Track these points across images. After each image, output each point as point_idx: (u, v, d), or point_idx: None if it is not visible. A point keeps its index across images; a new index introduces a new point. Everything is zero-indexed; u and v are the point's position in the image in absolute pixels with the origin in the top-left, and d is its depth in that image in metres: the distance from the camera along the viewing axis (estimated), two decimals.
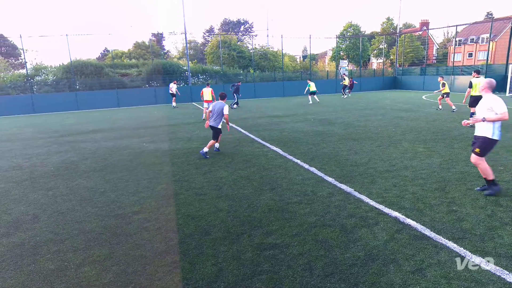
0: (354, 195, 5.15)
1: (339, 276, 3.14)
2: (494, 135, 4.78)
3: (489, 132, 4.80)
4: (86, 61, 29.34)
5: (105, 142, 10.63)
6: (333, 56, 44.93)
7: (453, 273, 3.10)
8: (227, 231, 4.16)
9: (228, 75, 30.95)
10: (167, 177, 6.57)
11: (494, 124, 4.77)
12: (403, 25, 61.01)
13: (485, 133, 4.84)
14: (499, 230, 3.85)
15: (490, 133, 4.78)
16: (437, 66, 40.74)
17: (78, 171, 7.27)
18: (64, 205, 5.28)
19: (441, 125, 11.11)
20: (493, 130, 4.77)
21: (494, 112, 4.71)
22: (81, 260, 3.62)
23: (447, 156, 7.18)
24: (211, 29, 68.51)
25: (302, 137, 10.10)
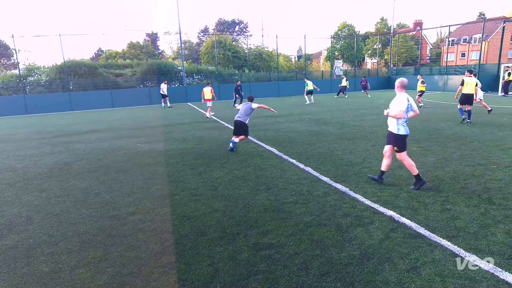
0: (349, 194, 5.17)
1: (334, 275, 3.15)
2: (400, 131, 5.19)
3: (394, 128, 5.25)
4: (80, 61, 29.11)
5: (99, 143, 10.55)
6: (328, 56, 45.13)
7: (448, 271, 3.13)
8: (223, 231, 4.15)
9: (223, 75, 30.92)
10: (162, 177, 6.54)
11: (398, 121, 5.19)
12: (397, 25, 61.48)
13: (392, 129, 5.32)
14: (492, 228, 3.90)
15: (395, 129, 5.23)
16: (430, 66, 41.13)
17: (72, 172, 7.21)
18: (58, 206, 5.23)
19: (435, 125, 11.20)
20: (397, 126, 5.21)
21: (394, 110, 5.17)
22: (76, 262, 3.59)
23: (440, 155, 7.25)
24: (206, 29, 68.37)
25: (298, 137, 10.13)
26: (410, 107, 5.23)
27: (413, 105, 5.29)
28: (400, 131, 5.20)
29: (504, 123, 11.02)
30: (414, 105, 5.32)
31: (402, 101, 5.14)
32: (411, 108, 5.26)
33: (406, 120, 5.24)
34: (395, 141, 5.28)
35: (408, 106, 5.18)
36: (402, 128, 5.20)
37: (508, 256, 3.32)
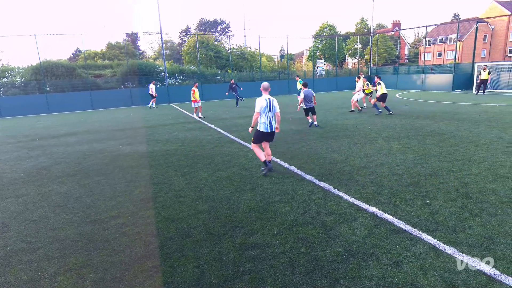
0: (333, 192, 5.24)
1: (320, 273, 3.19)
2: (260, 127, 6.13)
3: (257, 124, 6.18)
4: (57, 62, 28.23)
5: (79, 146, 10.26)
6: (310, 56, 45.60)
7: (428, 265, 3.22)
8: (208, 232, 4.12)
9: (206, 76, 30.71)
10: (145, 180, 6.43)
11: (259, 119, 6.08)
12: (377, 25, 62.86)
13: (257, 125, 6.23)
14: (469, 221, 4.05)
15: (258, 125, 6.17)
16: (409, 65, 42.24)
17: (50, 177, 6.98)
18: (36, 212, 5.05)
19: (414, 122, 11.52)
20: (259, 123, 6.13)
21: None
22: (56, 269, 3.48)
23: (420, 151, 7.46)
24: (187, 29, 67.72)
25: (281, 136, 10.18)
26: (268, 108, 5.99)
27: (276, 106, 6.09)
28: (260, 127, 6.13)
29: (479, 120, 11.47)
30: (276, 106, 6.10)
31: (259, 103, 5.99)
32: (273, 110, 6.06)
33: (268, 119, 6.05)
34: (255, 134, 6.29)
35: (266, 106, 5.97)
36: (261, 125, 6.10)
37: (485, 247, 3.46)
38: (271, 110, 6.05)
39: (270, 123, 6.09)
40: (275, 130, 6.22)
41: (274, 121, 6.15)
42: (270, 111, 6.05)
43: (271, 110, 6.06)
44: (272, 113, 6.09)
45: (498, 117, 11.80)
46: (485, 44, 55.39)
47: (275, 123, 6.17)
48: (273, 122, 6.12)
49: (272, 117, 6.10)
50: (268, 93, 6.15)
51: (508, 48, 53.52)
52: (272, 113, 6.08)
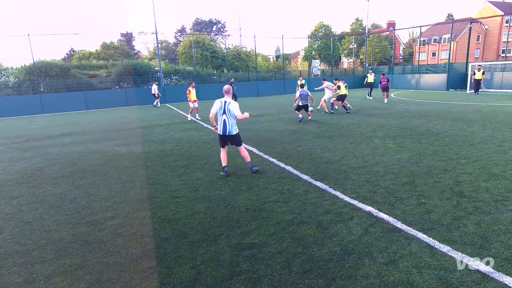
0: (329, 191, 5.26)
1: (317, 272, 3.20)
2: (219, 131, 6.15)
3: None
4: (51, 62, 28.02)
5: (74, 147, 10.19)
6: (306, 56, 45.70)
7: (424, 263, 3.25)
8: (204, 233, 4.12)
9: (201, 76, 30.64)
10: (141, 180, 6.40)
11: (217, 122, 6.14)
12: (371, 25, 63.19)
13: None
14: (464, 220, 4.08)
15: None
16: (404, 65, 42.51)
17: (45, 178, 6.92)
18: (31, 214, 5.01)
19: (409, 122, 11.60)
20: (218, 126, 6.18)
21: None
22: (51, 271, 3.45)
23: (415, 151, 7.51)
24: (183, 29, 67.52)
25: (277, 136, 10.19)
26: (222, 110, 6.01)
27: (231, 109, 6.00)
28: (219, 130, 6.13)
29: (473, 119, 11.57)
30: (232, 109, 6.00)
31: (214, 105, 6.10)
32: (228, 113, 6.01)
33: (222, 121, 6.06)
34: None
35: (220, 108, 6.01)
36: (219, 128, 6.12)
37: (479, 245, 3.49)
38: (225, 113, 6.00)
39: (224, 126, 6.04)
40: (232, 134, 6.11)
41: (233, 125, 6.07)
42: (225, 114, 6.00)
43: (226, 113, 6.00)
44: (228, 116, 6.01)
45: (492, 116, 11.92)
46: (478, 44, 55.93)
47: (234, 126, 6.09)
48: (228, 125, 6.03)
49: (228, 120, 6.02)
50: (229, 96, 6.14)
51: (501, 48, 54.05)
52: (227, 116, 6.00)
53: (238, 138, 6.24)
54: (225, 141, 6.28)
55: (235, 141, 6.25)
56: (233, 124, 6.10)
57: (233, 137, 6.18)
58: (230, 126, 6.07)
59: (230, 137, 6.17)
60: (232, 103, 6.05)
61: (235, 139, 6.21)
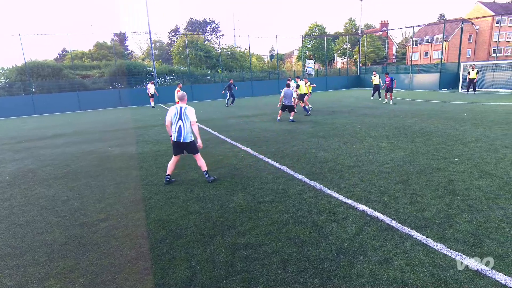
0: (324, 191, 5.28)
1: (312, 271, 3.21)
2: (174, 137, 5.84)
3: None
4: (43, 62, 27.68)
5: (67, 148, 10.08)
6: (300, 56, 45.82)
7: (418, 261, 3.28)
8: (199, 233, 4.10)
9: (195, 76, 30.54)
10: (135, 181, 6.36)
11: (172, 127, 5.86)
12: (365, 25, 63.58)
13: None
14: (456, 218, 4.13)
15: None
16: (397, 65, 42.85)
17: (37, 179, 6.84)
18: (23, 216, 4.94)
19: (402, 121, 11.70)
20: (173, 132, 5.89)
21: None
22: (44, 273, 3.41)
23: (408, 150, 7.58)
24: (176, 29, 67.24)
25: (272, 136, 10.20)
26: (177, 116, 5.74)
27: (188, 114, 5.73)
28: (173, 137, 5.84)
29: (465, 118, 11.71)
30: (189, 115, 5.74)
31: (169, 112, 5.86)
32: (184, 118, 5.73)
33: (178, 128, 5.75)
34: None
35: (175, 114, 5.76)
36: (174, 134, 5.82)
37: (472, 243, 3.53)
38: (181, 119, 5.71)
39: (179, 132, 5.73)
40: (188, 141, 5.80)
41: (188, 131, 5.78)
42: (181, 119, 5.71)
43: (182, 119, 5.71)
44: (184, 122, 5.72)
45: (483, 116, 12.08)
46: (470, 44, 56.61)
47: (189, 133, 5.80)
48: (184, 131, 5.73)
49: (184, 126, 5.73)
50: (185, 102, 5.87)
51: (492, 48, 54.80)
52: (183, 122, 5.72)
53: (193, 146, 5.91)
54: (179, 149, 5.92)
55: (190, 149, 5.92)
56: (189, 131, 5.79)
57: (188, 144, 5.85)
58: (185, 132, 5.75)
59: (185, 144, 5.83)
60: (188, 109, 5.76)
61: (190, 146, 5.88)
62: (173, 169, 6.09)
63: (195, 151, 5.97)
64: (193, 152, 5.98)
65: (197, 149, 5.96)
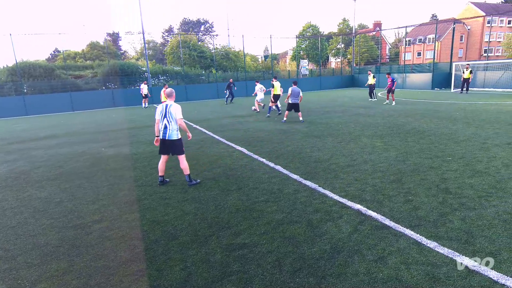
0: (319, 190, 5.30)
1: (307, 271, 3.22)
2: (160, 135, 5.79)
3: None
4: (34, 63, 27.36)
5: (59, 149, 9.98)
6: (294, 56, 45.92)
7: (412, 259, 3.31)
8: (194, 234, 4.09)
9: (189, 76, 30.43)
10: (129, 182, 6.31)
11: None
12: (358, 25, 63.93)
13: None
14: (449, 216, 4.17)
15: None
16: (390, 65, 43.17)
17: (29, 181, 6.75)
18: (15, 218, 4.88)
19: (396, 121, 11.79)
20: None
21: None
22: (37, 276, 3.37)
23: (402, 149, 7.64)
24: (170, 29, 66.93)
25: (267, 136, 10.21)
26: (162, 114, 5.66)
27: (172, 112, 5.62)
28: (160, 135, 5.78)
29: (457, 117, 11.85)
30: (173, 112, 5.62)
31: (157, 110, 5.79)
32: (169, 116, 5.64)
33: (163, 126, 5.69)
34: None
35: (161, 112, 5.68)
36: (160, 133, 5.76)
37: (465, 241, 3.57)
38: (166, 117, 5.61)
39: (164, 130, 5.65)
40: (173, 139, 5.66)
41: (173, 129, 5.65)
42: (166, 118, 5.62)
43: (166, 117, 5.62)
44: (169, 119, 5.62)
45: (475, 115, 12.23)
46: (461, 44, 57.26)
47: (175, 131, 5.67)
48: (169, 129, 5.63)
49: (169, 123, 5.63)
50: (173, 99, 5.78)
51: (483, 47, 55.50)
52: (168, 120, 5.62)
53: (179, 145, 5.75)
54: (164, 147, 5.77)
55: (175, 148, 5.74)
56: (175, 128, 5.66)
57: (172, 142, 5.68)
58: (170, 130, 5.64)
59: (170, 142, 5.67)
60: (173, 106, 5.64)
61: (175, 144, 5.71)
62: (164, 169, 5.98)
63: (179, 151, 5.79)
64: (178, 152, 5.79)
65: (182, 150, 5.82)
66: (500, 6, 59.34)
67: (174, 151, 5.80)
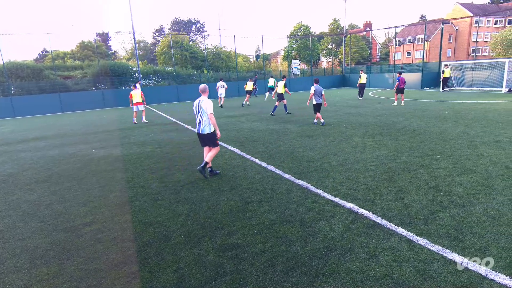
0: (311, 190, 5.32)
1: (300, 270, 3.23)
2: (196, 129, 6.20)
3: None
4: (22, 63, 26.84)
5: (48, 151, 9.82)
6: (285, 56, 46.02)
7: (403, 256, 3.35)
8: (187, 235, 4.07)
9: (181, 76, 30.25)
10: (121, 184, 6.25)
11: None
12: (349, 26, 64.40)
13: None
14: (439, 213, 4.24)
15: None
16: (380, 64, 43.60)
17: (17, 184, 6.63)
18: (3, 222, 4.78)
19: (386, 120, 11.92)
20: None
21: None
22: (26, 280, 3.31)
23: (393, 148, 7.73)
24: (161, 29, 66.47)
25: (259, 136, 10.22)
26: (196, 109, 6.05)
27: (203, 107, 5.94)
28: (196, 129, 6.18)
29: (446, 116, 12.03)
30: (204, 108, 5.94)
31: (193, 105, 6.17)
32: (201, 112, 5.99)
33: (198, 121, 6.09)
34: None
35: (195, 107, 6.07)
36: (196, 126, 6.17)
37: (454, 237, 3.63)
38: (199, 112, 6.01)
39: (199, 124, 6.08)
40: (205, 132, 6.03)
41: (206, 124, 6.01)
42: (199, 113, 6.01)
43: (200, 112, 6.00)
44: (201, 114, 5.99)
45: (463, 114, 12.44)
46: (450, 44, 58.16)
47: (207, 125, 6.01)
48: (202, 123, 6.02)
49: (202, 118, 6.01)
50: (206, 95, 6.08)
51: (471, 47, 56.46)
52: (201, 114, 5.99)
53: (212, 138, 6.12)
54: (201, 140, 6.27)
55: (208, 141, 6.15)
56: (207, 123, 6.01)
57: (206, 136, 6.08)
58: (203, 124, 6.02)
59: (203, 135, 6.11)
60: (205, 101, 5.97)
61: (208, 138, 6.10)
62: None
63: (213, 144, 6.19)
64: (211, 144, 6.21)
65: (215, 143, 6.20)
66: (487, 6, 60.52)
67: (208, 143, 6.19)
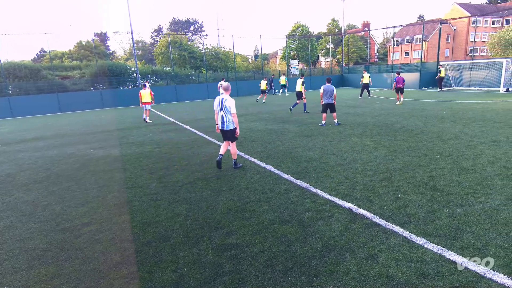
0: (310, 189, 5.33)
1: (299, 270, 3.23)
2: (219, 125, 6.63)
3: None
4: (20, 63, 26.79)
5: (46, 151, 9.79)
6: (284, 56, 46.06)
7: (402, 256, 3.35)
8: (186, 235, 4.06)
9: (179, 76, 30.22)
10: (119, 184, 6.24)
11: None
12: (347, 26, 64.52)
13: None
14: (438, 213, 4.25)
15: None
16: (379, 64, 43.70)
17: (16, 184, 6.60)
18: (1, 222, 4.76)
19: (385, 120, 11.94)
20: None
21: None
22: (24, 281, 3.30)
23: (391, 147, 7.74)
24: (159, 29, 66.37)
25: (258, 136, 10.22)
26: (219, 107, 6.45)
27: (227, 105, 6.36)
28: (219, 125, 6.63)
29: (444, 116, 12.07)
30: (228, 106, 6.36)
31: (214, 102, 6.60)
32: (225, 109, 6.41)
33: (220, 117, 6.51)
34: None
35: (218, 105, 6.46)
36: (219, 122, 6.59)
37: (453, 237, 3.64)
38: (222, 109, 6.43)
39: (222, 121, 6.51)
40: (229, 129, 6.52)
41: (229, 120, 6.46)
42: (222, 110, 6.43)
43: (223, 109, 6.42)
44: (225, 112, 6.42)
45: (461, 113, 12.48)
46: (448, 44, 58.35)
47: (230, 122, 6.48)
48: (226, 120, 6.46)
49: (225, 115, 6.44)
50: (228, 93, 6.49)
51: (468, 47, 56.65)
52: (224, 112, 6.42)
53: (233, 133, 6.62)
54: (224, 135, 6.72)
55: (230, 136, 6.64)
56: (230, 120, 6.47)
57: (229, 132, 6.58)
58: (227, 121, 6.47)
59: (227, 131, 6.59)
60: (228, 100, 6.37)
61: (231, 133, 6.60)
62: (225, 151, 6.86)
63: (233, 139, 6.68)
64: (231, 139, 6.69)
65: (235, 138, 6.69)
66: (484, 6, 60.73)
67: (230, 138, 6.68)
